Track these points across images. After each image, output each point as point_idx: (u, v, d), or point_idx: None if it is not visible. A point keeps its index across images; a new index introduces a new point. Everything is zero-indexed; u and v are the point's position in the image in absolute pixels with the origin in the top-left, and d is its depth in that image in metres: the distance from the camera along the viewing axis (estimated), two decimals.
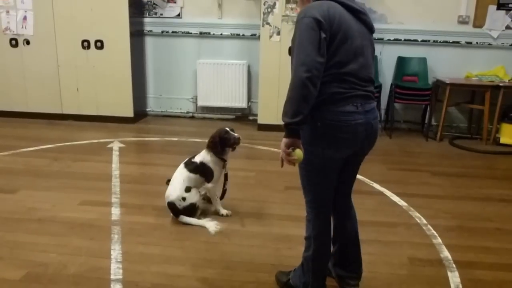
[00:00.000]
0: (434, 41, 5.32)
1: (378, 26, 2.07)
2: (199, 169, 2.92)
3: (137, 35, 5.50)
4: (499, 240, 2.80)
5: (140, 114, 5.76)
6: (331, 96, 1.76)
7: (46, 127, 5.28)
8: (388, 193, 3.50)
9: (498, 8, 5.15)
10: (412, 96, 5.13)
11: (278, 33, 4.99)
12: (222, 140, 2.88)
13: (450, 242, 2.72)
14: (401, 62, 5.38)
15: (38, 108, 5.54)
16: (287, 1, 4.90)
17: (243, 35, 5.56)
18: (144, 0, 5.59)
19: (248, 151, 4.46)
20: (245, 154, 4.32)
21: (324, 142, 1.81)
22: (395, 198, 3.39)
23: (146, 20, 5.65)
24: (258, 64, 5.26)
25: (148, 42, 5.73)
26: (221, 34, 5.60)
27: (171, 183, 2.94)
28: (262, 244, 2.65)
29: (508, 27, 5.20)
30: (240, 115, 5.88)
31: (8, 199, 3.19)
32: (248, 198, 3.31)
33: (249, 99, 5.74)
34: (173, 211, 2.90)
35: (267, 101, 5.18)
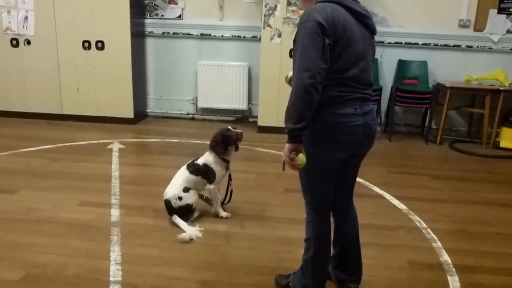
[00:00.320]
0: (435, 44, 5.32)
1: (379, 29, 2.08)
2: (200, 171, 2.91)
3: (138, 36, 5.50)
4: (499, 244, 2.79)
5: (140, 115, 5.76)
6: (331, 99, 1.77)
7: (46, 127, 5.27)
8: (388, 196, 3.49)
9: (499, 12, 5.16)
10: (412, 99, 5.13)
11: (279, 35, 5.00)
12: (224, 138, 2.87)
13: (450, 246, 2.71)
14: (401, 65, 5.38)
15: (38, 108, 5.54)
16: (289, 3, 4.90)
17: (244, 37, 5.56)
18: (145, 1, 5.59)
19: (248, 153, 4.46)
20: (245, 156, 4.31)
21: (324, 144, 1.82)
22: (395, 202, 3.39)
23: (147, 21, 5.65)
24: (259, 66, 5.26)
25: (149, 43, 5.73)
26: (222, 36, 5.60)
27: (171, 182, 2.94)
28: (262, 246, 2.64)
29: (508, 31, 5.20)
30: (240, 117, 5.88)
31: (7, 199, 3.18)
32: (247, 200, 3.30)
33: (249, 101, 5.73)
34: (168, 209, 2.88)
35: (267, 103, 5.18)
